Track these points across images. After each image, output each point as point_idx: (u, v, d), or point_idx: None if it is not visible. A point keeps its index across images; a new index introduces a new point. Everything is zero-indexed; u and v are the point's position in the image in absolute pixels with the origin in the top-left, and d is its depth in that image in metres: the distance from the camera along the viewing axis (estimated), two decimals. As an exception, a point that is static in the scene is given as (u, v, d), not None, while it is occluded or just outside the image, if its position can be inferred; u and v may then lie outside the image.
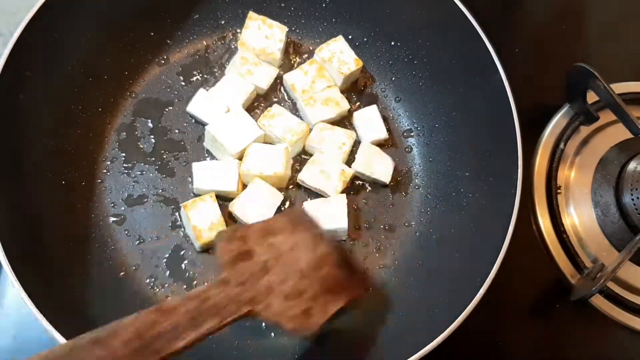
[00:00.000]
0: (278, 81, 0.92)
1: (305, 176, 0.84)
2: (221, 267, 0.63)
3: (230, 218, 0.83)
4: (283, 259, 0.67)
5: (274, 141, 0.86)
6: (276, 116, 0.85)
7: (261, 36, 0.89)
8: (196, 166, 0.83)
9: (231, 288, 0.61)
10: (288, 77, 0.90)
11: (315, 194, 0.86)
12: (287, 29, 0.90)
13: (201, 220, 0.78)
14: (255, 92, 0.89)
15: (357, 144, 0.89)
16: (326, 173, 0.83)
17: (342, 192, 0.84)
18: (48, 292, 0.66)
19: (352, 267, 0.75)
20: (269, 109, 0.87)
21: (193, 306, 0.57)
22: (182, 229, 0.82)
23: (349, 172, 0.85)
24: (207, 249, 0.81)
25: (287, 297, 0.65)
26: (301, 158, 0.88)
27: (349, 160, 0.87)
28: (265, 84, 0.89)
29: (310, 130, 0.87)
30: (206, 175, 0.82)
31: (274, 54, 0.89)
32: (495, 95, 0.78)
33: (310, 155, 0.87)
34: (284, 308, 0.64)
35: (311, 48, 0.95)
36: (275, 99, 0.91)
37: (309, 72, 0.90)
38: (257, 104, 0.91)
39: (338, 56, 0.89)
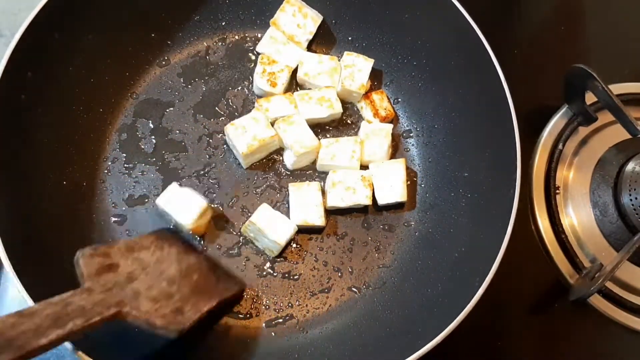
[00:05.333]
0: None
1: (334, 200, 0.84)
2: (83, 279, 0.62)
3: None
4: (149, 269, 0.68)
5: (284, 146, 0.87)
6: (294, 124, 0.86)
7: (294, 23, 0.91)
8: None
9: (95, 295, 0.61)
10: (303, 56, 0.91)
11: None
12: (321, 19, 0.92)
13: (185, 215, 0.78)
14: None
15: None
16: (351, 188, 0.84)
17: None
18: (49, 292, 0.66)
19: (224, 273, 0.79)
20: (289, 115, 0.86)
21: (55, 310, 0.57)
22: (182, 232, 0.82)
23: (369, 175, 0.85)
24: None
25: (156, 299, 0.65)
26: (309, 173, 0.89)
27: (363, 164, 0.88)
28: (294, 63, 0.91)
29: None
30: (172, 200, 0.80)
31: (301, 44, 0.92)
32: (494, 96, 0.78)
33: (324, 173, 0.88)
34: (153, 308, 0.64)
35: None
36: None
37: (324, 63, 0.90)
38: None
39: (354, 70, 0.89)
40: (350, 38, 0.94)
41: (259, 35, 0.94)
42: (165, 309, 0.65)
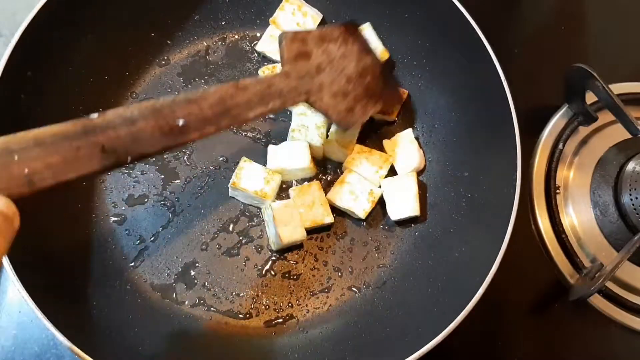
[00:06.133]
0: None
1: (333, 196, 0.84)
2: (284, 61, 0.71)
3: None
4: (334, 63, 0.75)
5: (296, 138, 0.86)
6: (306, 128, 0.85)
7: (293, 22, 0.91)
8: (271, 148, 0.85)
9: (292, 80, 0.70)
10: None
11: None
12: (321, 17, 0.92)
13: (254, 183, 0.81)
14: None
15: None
16: (355, 194, 0.84)
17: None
18: (49, 292, 0.66)
19: (389, 82, 0.86)
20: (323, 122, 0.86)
21: (261, 88, 0.67)
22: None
23: (378, 192, 0.85)
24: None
25: (335, 94, 0.75)
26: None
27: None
28: None
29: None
30: (278, 156, 0.84)
31: None
32: (494, 95, 0.78)
33: (323, 173, 0.88)
34: (332, 103, 0.74)
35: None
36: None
37: None
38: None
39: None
40: (350, 38, 0.94)
41: (259, 35, 0.94)
42: (341, 106, 0.75)
